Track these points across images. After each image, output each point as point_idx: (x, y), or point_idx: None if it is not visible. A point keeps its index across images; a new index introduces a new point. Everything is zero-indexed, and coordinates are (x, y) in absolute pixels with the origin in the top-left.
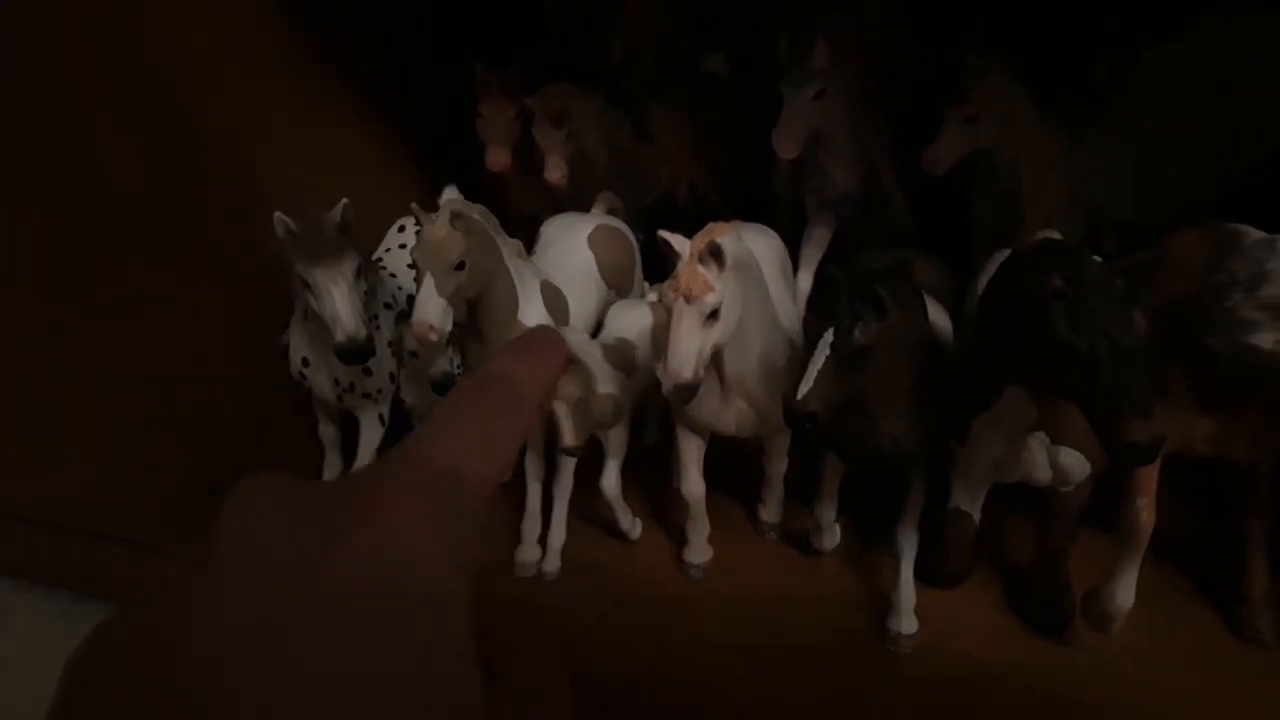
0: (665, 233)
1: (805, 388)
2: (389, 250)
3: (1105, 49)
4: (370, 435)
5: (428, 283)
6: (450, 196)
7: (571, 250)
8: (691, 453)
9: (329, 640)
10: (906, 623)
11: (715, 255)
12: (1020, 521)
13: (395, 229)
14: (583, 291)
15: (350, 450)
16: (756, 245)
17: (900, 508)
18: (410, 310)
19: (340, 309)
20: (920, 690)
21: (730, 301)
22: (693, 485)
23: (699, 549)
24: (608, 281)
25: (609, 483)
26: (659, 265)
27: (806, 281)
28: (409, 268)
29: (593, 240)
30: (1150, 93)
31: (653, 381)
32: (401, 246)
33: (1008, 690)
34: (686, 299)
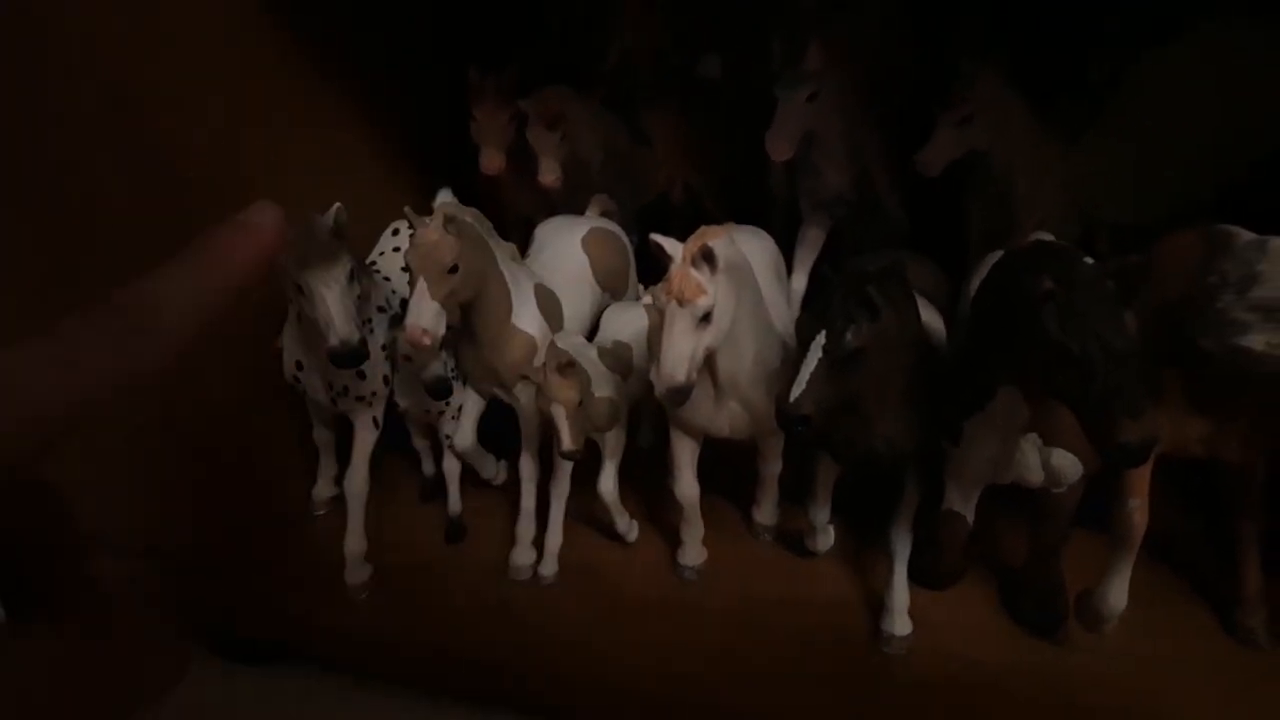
0: (658, 236)
1: (798, 390)
2: (383, 254)
3: (1100, 50)
4: (364, 439)
5: (421, 286)
6: (444, 200)
7: (566, 253)
8: (686, 455)
9: None
10: (900, 624)
11: (708, 258)
12: (1013, 523)
13: (389, 232)
14: (577, 294)
15: (345, 453)
16: (750, 247)
17: (894, 509)
18: (404, 314)
19: (333, 313)
20: (914, 691)
21: (723, 304)
22: (687, 487)
23: (694, 551)
24: (602, 284)
25: (606, 485)
26: (654, 268)
27: (801, 283)
28: (403, 271)
29: (587, 243)
30: (1146, 94)
31: (648, 384)
32: (395, 250)
33: (1002, 691)
34: (679, 302)
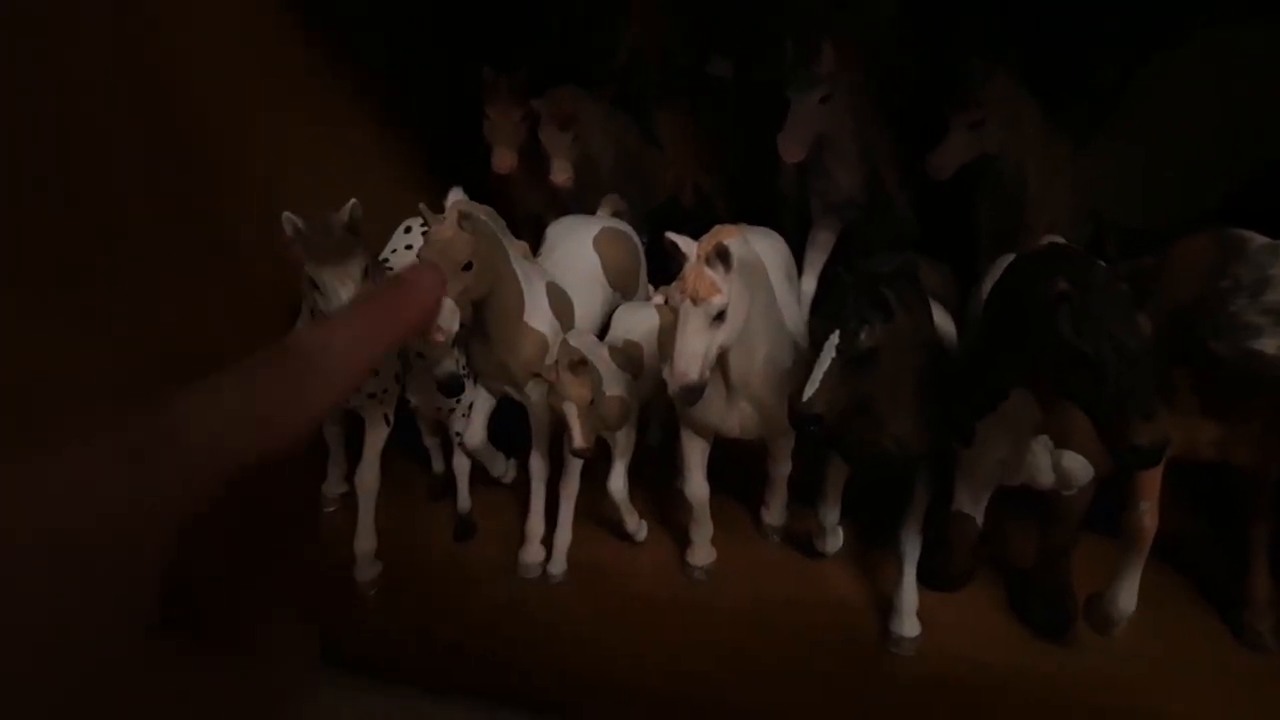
0: (673, 235)
1: (811, 390)
2: (395, 251)
3: (1111, 54)
4: (375, 435)
5: None
6: (457, 198)
7: (577, 252)
8: (696, 455)
9: None
10: (909, 625)
11: (722, 257)
12: (1023, 525)
13: (401, 230)
14: (588, 293)
15: (355, 450)
16: (762, 248)
17: (903, 510)
18: None
19: None
20: (922, 693)
21: (736, 303)
22: (697, 487)
23: (703, 551)
24: (612, 284)
25: (616, 484)
26: (664, 268)
27: (811, 284)
28: None
29: (598, 242)
30: (1156, 98)
31: (658, 383)
32: (408, 247)
33: (1010, 693)
34: (693, 301)
